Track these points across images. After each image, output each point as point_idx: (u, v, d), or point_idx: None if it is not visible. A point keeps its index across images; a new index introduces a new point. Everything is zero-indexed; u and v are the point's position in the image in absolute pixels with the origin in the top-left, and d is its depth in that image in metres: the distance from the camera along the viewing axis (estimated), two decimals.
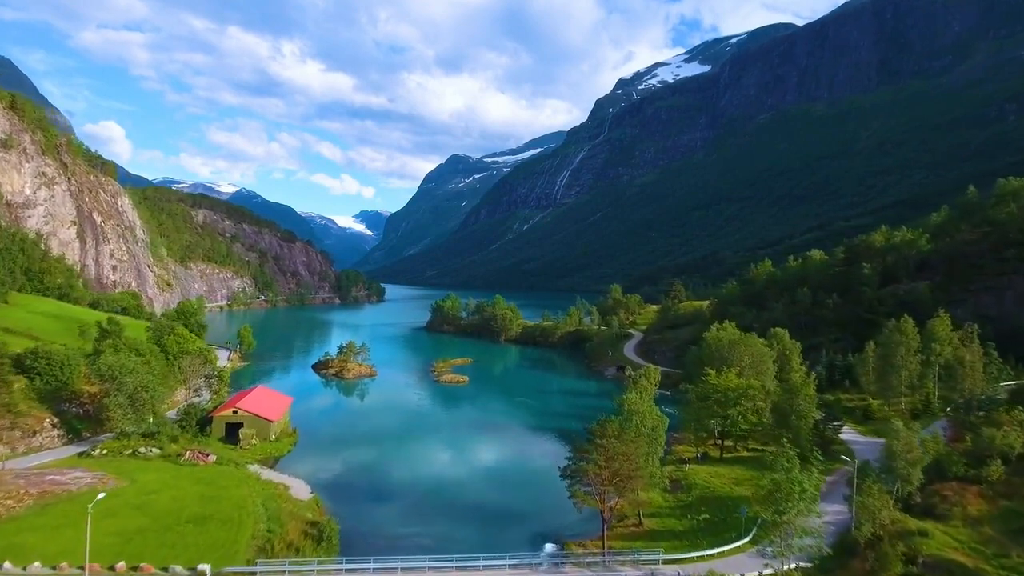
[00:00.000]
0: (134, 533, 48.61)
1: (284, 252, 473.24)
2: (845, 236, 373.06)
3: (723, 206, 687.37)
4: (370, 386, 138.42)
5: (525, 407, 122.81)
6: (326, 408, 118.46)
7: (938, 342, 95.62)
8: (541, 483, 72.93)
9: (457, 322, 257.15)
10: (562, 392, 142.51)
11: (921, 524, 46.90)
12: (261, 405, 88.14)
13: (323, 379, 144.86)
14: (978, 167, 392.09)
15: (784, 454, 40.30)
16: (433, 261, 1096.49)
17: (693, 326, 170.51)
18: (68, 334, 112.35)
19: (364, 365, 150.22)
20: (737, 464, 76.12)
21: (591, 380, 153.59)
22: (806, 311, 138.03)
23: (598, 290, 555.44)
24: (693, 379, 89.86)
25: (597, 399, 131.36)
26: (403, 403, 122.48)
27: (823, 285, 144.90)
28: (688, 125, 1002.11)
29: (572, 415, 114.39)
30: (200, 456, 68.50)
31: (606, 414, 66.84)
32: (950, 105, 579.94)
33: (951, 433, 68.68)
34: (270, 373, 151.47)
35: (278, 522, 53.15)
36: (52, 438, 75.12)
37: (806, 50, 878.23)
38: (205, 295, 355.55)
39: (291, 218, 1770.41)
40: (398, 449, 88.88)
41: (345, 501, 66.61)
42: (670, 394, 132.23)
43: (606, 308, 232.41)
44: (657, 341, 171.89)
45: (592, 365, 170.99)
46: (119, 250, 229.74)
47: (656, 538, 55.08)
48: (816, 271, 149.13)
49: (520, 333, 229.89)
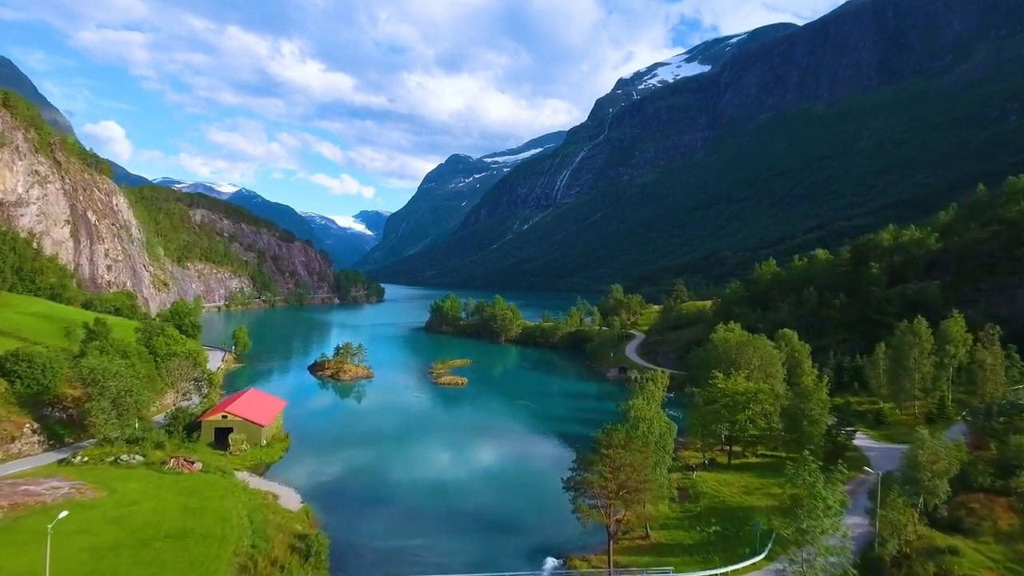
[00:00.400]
0: (108, 550, 45.49)
1: (283, 252, 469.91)
2: (846, 236, 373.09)
3: (723, 206, 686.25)
4: (367, 388, 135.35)
5: (525, 410, 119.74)
6: (321, 411, 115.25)
7: (952, 343, 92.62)
8: (542, 490, 69.87)
9: (456, 323, 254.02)
10: (563, 394, 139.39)
11: (950, 540, 43.87)
12: (252, 409, 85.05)
13: (319, 381, 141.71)
14: (979, 167, 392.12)
15: (806, 466, 37.15)
16: (433, 261, 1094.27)
17: (696, 327, 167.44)
18: (58, 335, 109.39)
19: (361, 366, 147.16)
20: (746, 471, 73.10)
21: (592, 382, 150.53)
22: (812, 312, 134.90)
23: (598, 290, 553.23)
24: (699, 382, 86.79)
25: (599, 401, 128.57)
26: (400, 406, 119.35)
27: (829, 285, 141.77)
28: (688, 125, 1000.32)
29: (574, 418, 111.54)
30: (185, 464, 65.39)
31: (609, 418, 63.89)
32: (950, 105, 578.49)
33: (972, 440, 65.58)
34: (265, 375, 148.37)
35: (264, 536, 50.03)
36: (32, 444, 71.93)
37: (806, 50, 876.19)
38: (203, 295, 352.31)
39: (291, 218, 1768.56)
40: (394, 454, 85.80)
41: (337, 511, 63.55)
42: (673, 396, 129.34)
43: (607, 308, 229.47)
44: (659, 342, 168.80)
45: (593, 366, 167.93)
46: (114, 249, 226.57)
47: (664, 552, 52.03)
48: (822, 271, 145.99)
49: (520, 334, 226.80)
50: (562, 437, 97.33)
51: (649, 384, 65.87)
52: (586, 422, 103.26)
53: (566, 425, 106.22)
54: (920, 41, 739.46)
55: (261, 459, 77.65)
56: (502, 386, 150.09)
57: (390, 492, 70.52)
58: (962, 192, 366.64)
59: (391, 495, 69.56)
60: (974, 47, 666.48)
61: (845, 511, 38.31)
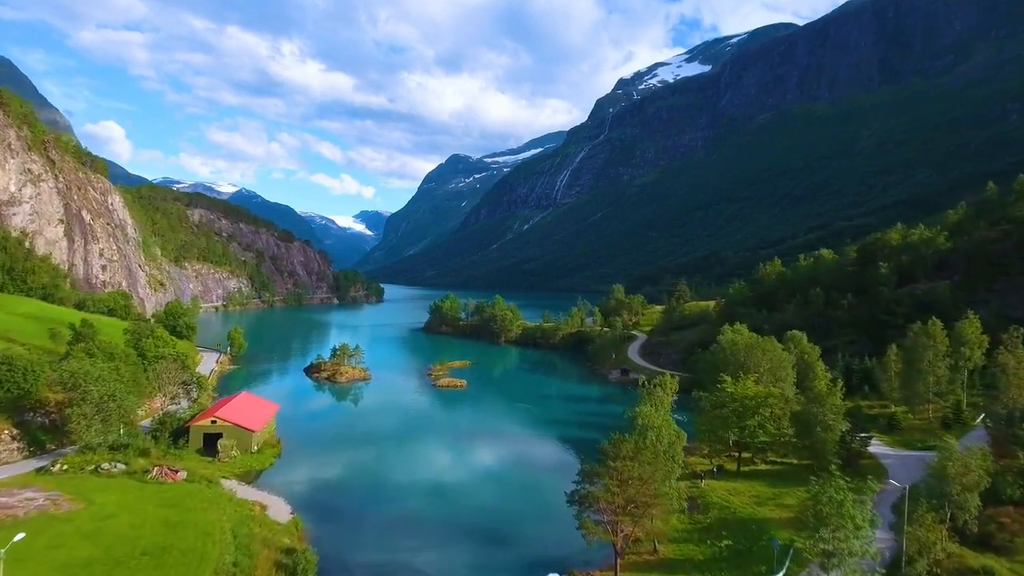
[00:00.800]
0: (80, 567, 42.45)
1: (281, 252, 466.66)
2: (847, 236, 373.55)
3: (723, 206, 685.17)
4: (363, 390, 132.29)
5: (526, 413, 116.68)
6: (315, 415, 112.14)
7: (968, 345, 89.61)
8: (544, 499, 66.94)
9: (456, 323, 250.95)
10: (564, 397, 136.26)
11: (983, 560, 40.85)
12: (243, 414, 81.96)
13: (315, 383, 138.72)
14: (979, 167, 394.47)
15: (832, 482, 34.12)
16: (433, 261, 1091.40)
17: (699, 327, 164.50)
18: (47, 336, 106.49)
19: (358, 368, 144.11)
20: (757, 479, 70.00)
21: (594, 384, 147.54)
22: (819, 312, 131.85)
23: (599, 290, 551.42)
24: (705, 385, 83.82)
25: (601, 404, 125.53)
26: (397, 409, 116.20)
27: (836, 285, 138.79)
28: (689, 125, 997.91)
29: (576, 423, 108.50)
30: (168, 473, 62.35)
31: (612, 422, 61.03)
32: (951, 105, 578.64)
33: (995, 448, 62.52)
34: (261, 377, 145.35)
35: (248, 552, 46.95)
36: (12, 451, 68.90)
37: (807, 49, 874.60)
38: (200, 295, 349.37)
39: (291, 218, 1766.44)
40: (390, 460, 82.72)
41: (329, 522, 60.56)
42: (677, 399, 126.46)
43: (609, 309, 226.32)
44: (662, 343, 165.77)
45: (595, 368, 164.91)
46: (109, 249, 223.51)
47: (675, 569, 48.96)
48: (828, 271, 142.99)
49: (520, 334, 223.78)
50: (565, 442, 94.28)
51: (657, 389, 62.82)
52: (589, 426, 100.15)
53: (568, 429, 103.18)
54: (921, 41, 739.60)
55: (251, 466, 74.57)
56: (502, 388, 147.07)
57: (385, 500, 67.52)
58: (964, 192, 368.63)
59: (386, 503, 66.56)
60: (974, 47, 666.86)
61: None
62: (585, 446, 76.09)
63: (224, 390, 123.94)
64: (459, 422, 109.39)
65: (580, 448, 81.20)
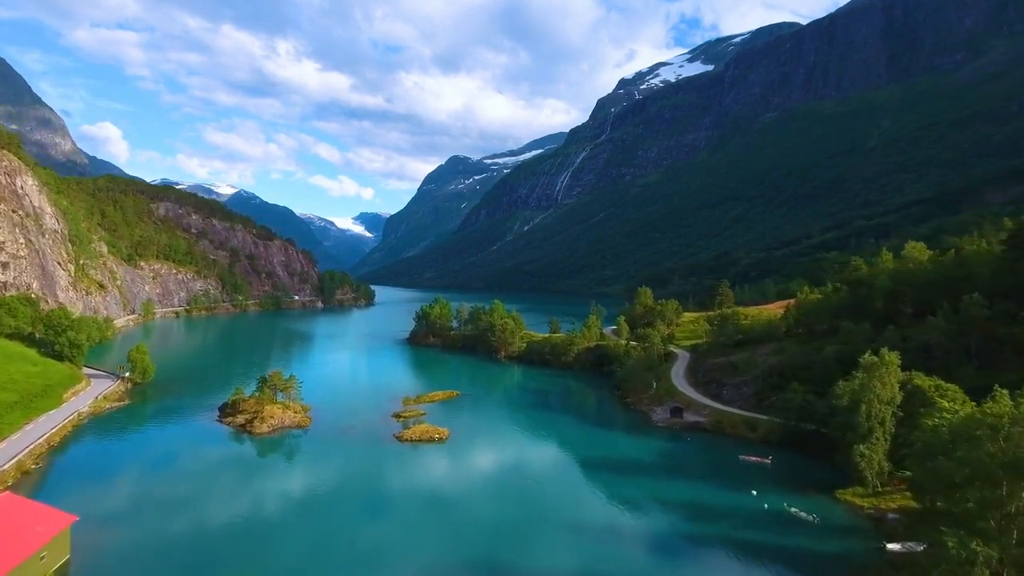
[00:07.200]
0: None
1: (259, 251, 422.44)
2: (870, 235, 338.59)
3: (729, 206, 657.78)
4: (286, 451, 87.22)
5: (538, 502, 72.42)
6: (174, 511, 67.24)
7: None
8: None
9: (447, 333, 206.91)
10: (596, 463, 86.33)
11: None
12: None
13: (230, 431, 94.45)
14: (999, 164, 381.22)
15: None
16: (432, 262, 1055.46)
17: (772, 345, 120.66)
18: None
19: (292, 407, 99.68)
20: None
21: (633, 433, 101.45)
22: (981, 327, 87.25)
23: (601, 292, 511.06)
24: (930, 494, 39.27)
25: (667, 478, 79.11)
26: (321, 501, 71.65)
27: (987, 288, 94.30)
28: (692, 124, 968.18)
29: (633, 537, 63.09)
30: None
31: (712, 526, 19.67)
32: (964, 102, 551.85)
33: None
34: (153, 419, 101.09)
35: None
36: None
37: (813, 47, 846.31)
38: (157, 299, 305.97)
39: (290, 219, 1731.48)
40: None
41: None
42: (770, 461, 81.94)
43: (635, 317, 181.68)
44: (722, 367, 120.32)
45: (628, 400, 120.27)
46: (12, 243, 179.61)
47: None
48: (985, 266, 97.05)
49: (524, 349, 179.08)
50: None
51: None
52: (665, 551, 56.02)
53: (614, 548, 58.93)
54: (931, 37, 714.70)
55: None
56: (500, 439, 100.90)
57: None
58: (991, 189, 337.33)
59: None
60: (987, 43, 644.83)
61: None
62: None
63: (100, 435, 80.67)
64: (422, 533, 64.16)
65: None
